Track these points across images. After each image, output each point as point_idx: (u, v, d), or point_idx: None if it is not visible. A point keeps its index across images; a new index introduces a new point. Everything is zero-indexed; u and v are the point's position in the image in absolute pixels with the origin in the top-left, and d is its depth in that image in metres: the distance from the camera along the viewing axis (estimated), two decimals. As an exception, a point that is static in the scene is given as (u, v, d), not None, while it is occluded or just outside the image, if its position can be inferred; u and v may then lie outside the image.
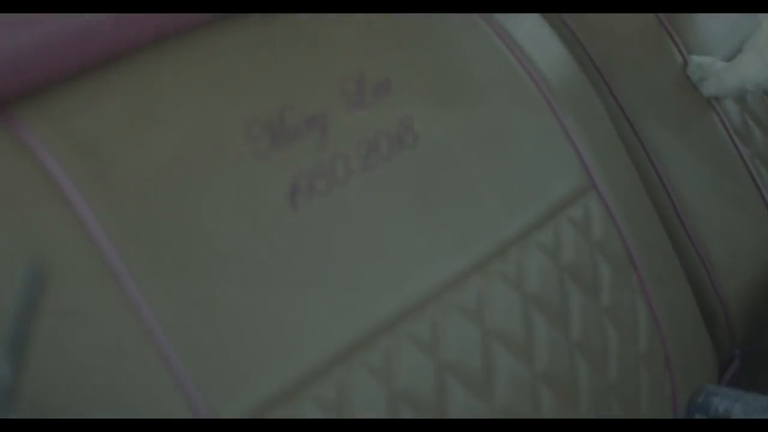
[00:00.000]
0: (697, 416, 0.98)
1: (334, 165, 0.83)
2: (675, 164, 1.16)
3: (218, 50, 0.83)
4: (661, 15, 1.25)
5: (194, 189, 0.77)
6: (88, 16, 0.72)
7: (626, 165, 1.07)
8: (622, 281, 0.97)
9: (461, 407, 0.83)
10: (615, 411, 0.93)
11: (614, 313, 0.95)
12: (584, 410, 0.91)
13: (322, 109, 0.85)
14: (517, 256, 0.90)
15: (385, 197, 0.85)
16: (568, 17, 1.18)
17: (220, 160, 0.79)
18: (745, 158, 1.22)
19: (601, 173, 1.00)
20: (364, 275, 0.82)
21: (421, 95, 0.91)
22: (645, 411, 0.96)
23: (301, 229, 0.80)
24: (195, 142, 0.78)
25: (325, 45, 0.88)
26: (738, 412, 0.94)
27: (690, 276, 1.10)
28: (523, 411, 0.86)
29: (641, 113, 1.17)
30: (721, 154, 1.20)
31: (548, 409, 0.88)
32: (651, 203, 1.08)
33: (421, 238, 0.85)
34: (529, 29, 1.05)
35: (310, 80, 0.86)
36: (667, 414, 0.99)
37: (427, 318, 0.83)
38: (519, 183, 0.94)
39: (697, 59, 1.22)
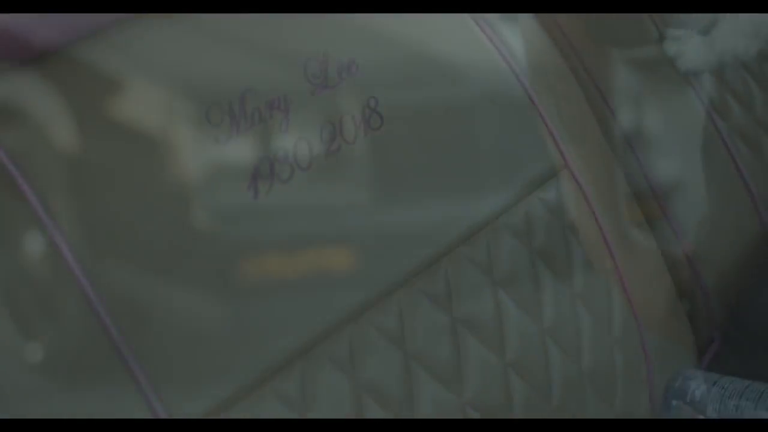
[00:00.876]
0: (674, 402, 0.96)
1: (297, 150, 0.81)
2: (651, 143, 1.14)
3: (176, 34, 0.80)
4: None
5: (150, 178, 0.74)
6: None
7: (601, 145, 1.04)
8: (595, 264, 0.95)
9: (430, 400, 0.80)
10: (589, 399, 0.91)
11: (588, 298, 0.93)
12: (557, 399, 0.89)
13: (284, 91, 0.82)
14: (486, 240, 0.88)
15: (349, 183, 0.83)
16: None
17: (177, 148, 0.76)
18: (723, 134, 1.20)
19: (574, 154, 0.97)
20: (326, 265, 0.79)
21: (387, 76, 0.89)
22: (620, 398, 0.94)
23: (262, 218, 0.78)
24: (150, 128, 0.76)
25: (288, 26, 0.86)
26: (715, 396, 0.93)
27: (667, 257, 1.08)
28: (495, 401, 0.84)
29: (618, 92, 1.14)
30: (698, 130, 1.18)
31: (520, 399, 0.86)
32: (627, 184, 1.05)
33: (387, 224, 0.83)
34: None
35: (273, 62, 0.83)
36: (643, 400, 0.97)
37: (394, 307, 0.81)
38: (490, 165, 0.91)
39: (673, 33, 1.20)
